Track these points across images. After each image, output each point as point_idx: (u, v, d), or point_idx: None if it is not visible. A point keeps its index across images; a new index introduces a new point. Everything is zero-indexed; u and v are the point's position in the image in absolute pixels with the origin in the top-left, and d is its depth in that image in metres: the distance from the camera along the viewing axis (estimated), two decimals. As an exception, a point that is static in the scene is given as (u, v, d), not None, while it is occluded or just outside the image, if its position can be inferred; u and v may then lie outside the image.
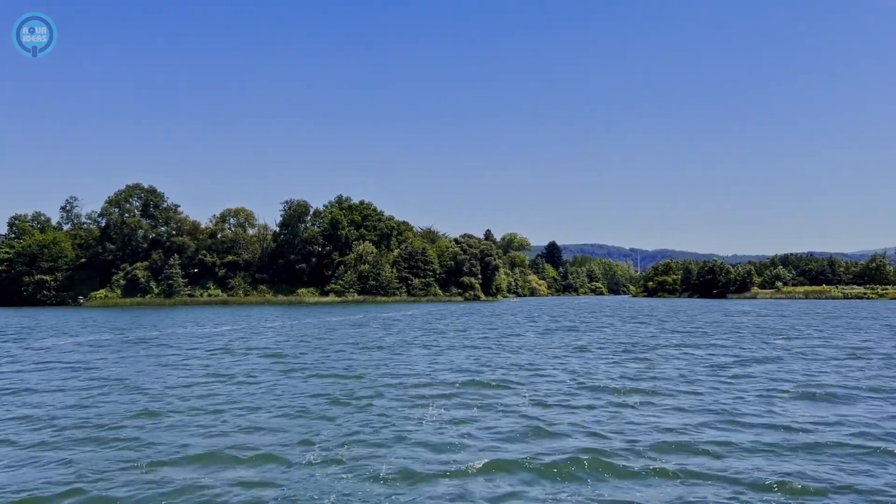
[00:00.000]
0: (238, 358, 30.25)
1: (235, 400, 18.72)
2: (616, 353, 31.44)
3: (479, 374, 23.75)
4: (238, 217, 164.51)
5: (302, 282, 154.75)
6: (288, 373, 24.67)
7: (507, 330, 49.90)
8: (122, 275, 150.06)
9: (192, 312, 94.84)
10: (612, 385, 20.73)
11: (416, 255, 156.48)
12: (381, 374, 23.91)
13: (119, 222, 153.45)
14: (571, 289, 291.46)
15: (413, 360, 28.30)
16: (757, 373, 23.96)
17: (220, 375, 23.95)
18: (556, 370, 24.90)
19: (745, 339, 39.34)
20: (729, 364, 26.63)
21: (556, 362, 27.51)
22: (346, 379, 22.82)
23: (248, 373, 24.65)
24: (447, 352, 32.44)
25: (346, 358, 29.68)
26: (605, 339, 39.84)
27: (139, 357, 31.25)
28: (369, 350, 33.65)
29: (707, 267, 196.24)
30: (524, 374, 23.70)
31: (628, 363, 27.05)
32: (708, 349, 33.16)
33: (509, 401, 18.24)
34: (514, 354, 31.08)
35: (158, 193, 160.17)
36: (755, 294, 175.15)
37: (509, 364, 26.95)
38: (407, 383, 21.53)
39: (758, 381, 21.90)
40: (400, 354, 31.17)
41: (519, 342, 38.06)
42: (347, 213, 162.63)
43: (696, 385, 20.89)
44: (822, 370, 24.70)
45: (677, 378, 22.49)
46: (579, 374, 23.52)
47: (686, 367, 25.72)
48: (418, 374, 23.98)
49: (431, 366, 26.40)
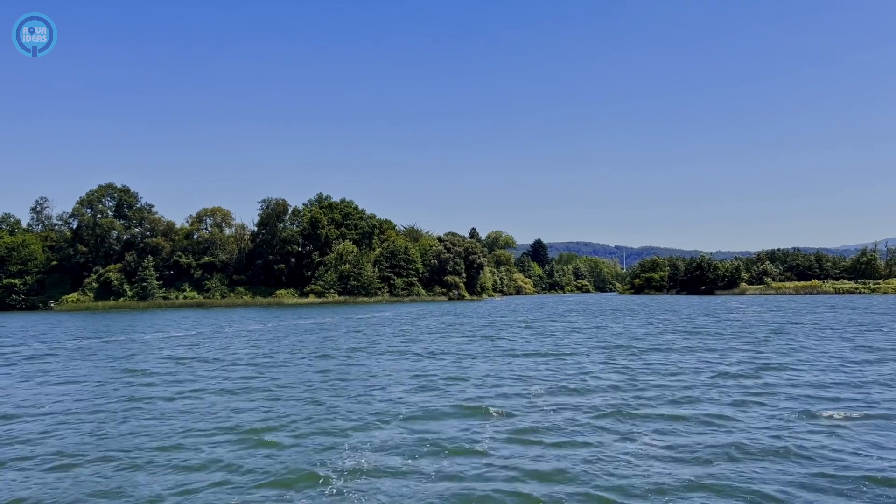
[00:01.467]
0: (153, 364, 26.41)
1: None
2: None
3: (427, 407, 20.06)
4: (215, 217, 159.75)
5: (281, 283, 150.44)
6: (200, 391, 20.90)
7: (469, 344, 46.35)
8: (94, 277, 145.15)
9: (161, 316, 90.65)
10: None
11: (398, 254, 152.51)
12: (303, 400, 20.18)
13: (91, 223, 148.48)
14: (558, 287, 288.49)
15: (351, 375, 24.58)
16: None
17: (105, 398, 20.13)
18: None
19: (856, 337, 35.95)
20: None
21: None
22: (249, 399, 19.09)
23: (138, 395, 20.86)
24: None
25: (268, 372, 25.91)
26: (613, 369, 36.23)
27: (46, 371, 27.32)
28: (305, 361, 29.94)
29: (695, 263, 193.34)
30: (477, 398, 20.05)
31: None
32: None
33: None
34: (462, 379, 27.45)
35: (132, 193, 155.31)
36: (744, 290, 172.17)
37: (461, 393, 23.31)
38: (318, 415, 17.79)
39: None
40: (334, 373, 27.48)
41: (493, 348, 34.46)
42: (328, 212, 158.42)
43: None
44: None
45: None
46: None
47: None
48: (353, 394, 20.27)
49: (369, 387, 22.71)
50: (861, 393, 19.15)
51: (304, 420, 16.36)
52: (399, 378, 23.54)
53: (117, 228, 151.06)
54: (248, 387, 21.85)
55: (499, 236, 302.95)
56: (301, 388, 21.60)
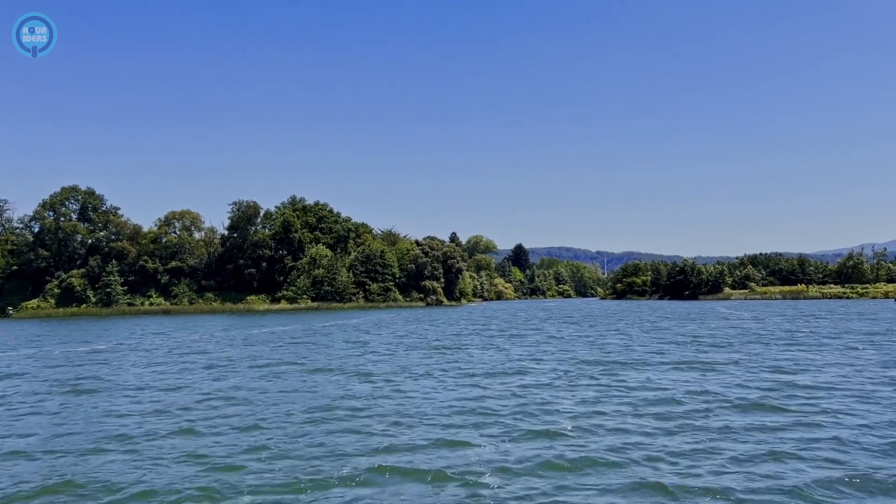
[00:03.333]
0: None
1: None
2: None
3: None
4: (184, 220, 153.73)
5: (252, 288, 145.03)
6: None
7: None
8: (56, 283, 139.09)
9: (113, 324, 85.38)
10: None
11: (374, 259, 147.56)
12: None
13: (53, 227, 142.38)
14: (539, 292, 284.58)
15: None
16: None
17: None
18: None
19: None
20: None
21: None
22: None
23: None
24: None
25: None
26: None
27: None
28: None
29: (678, 268, 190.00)
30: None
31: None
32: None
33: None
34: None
35: (97, 196, 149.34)
36: (728, 295, 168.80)
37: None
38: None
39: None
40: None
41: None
42: (301, 215, 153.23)
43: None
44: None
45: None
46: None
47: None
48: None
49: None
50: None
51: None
52: (291, 407, 18.94)
53: (81, 232, 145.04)
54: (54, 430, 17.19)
55: (479, 241, 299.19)
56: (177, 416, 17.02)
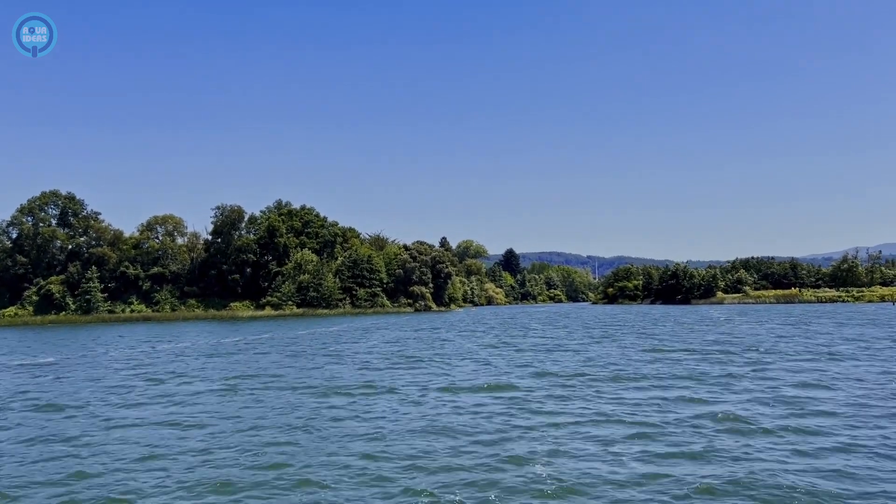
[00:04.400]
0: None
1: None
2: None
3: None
4: (166, 225, 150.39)
5: (236, 294, 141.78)
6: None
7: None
8: (34, 290, 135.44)
9: (90, 332, 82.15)
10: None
11: (361, 264, 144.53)
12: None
13: (32, 233, 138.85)
14: (530, 297, 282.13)
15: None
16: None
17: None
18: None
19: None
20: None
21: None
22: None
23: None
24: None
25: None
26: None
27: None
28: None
29: (670, 272, 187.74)
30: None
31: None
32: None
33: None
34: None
35: (77, 201, 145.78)
36: (722, 299, 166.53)
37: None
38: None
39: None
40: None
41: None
42: (287, 219, 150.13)
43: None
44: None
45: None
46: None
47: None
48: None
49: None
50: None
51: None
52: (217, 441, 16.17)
53: (60, 238, 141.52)
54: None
55: (470, 245, 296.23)
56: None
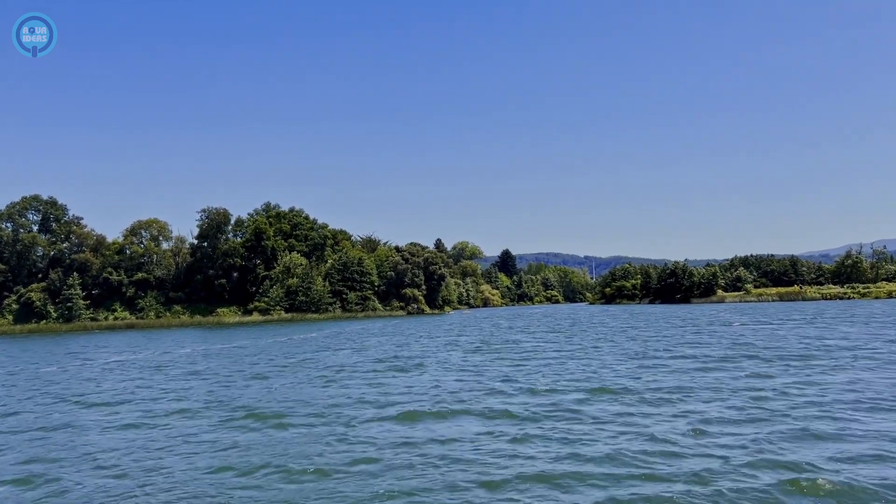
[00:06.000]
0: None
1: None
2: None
3: None
4: (151, 230, 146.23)
5: (223, 300, 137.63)
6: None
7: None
8: (14, 298, 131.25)
9: (56, 342, 78.04)
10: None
11: (352, 266, 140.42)
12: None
13: (11, 239, 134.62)
14: (526, 298, 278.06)
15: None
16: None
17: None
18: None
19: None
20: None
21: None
22: None
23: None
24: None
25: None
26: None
27: None
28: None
29: (668, 270, 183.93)
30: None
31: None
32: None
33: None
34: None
35: (59, 206, 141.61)
36: (722, 298, 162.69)
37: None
38: None
39: None
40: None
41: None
42: (275, 222, 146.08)
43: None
44: None
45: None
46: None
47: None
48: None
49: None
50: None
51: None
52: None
53: (41, 244, 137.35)
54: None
55: (465, 247, 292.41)
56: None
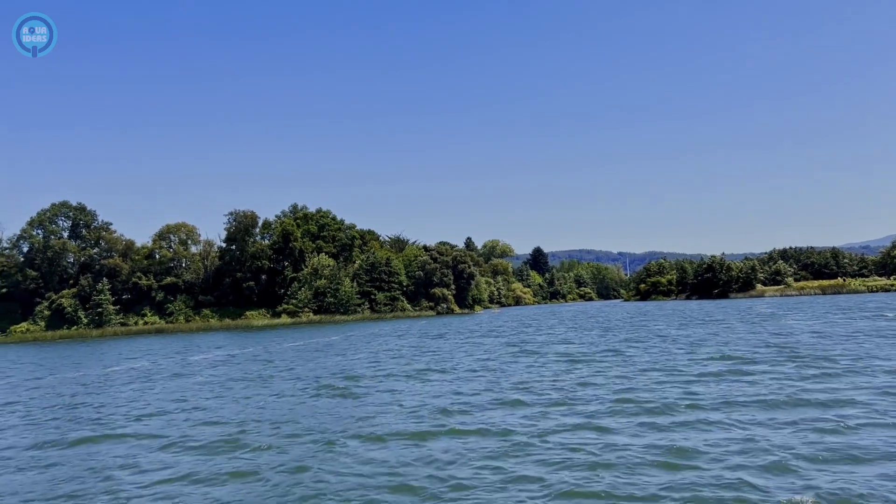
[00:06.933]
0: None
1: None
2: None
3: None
4: (179, 234, 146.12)
5: (251, 303, 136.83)
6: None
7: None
8: (45, 305, 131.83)
9: (88, 348, 77.22)
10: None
11: (379, 267, 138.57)
12: None
13: (42, 246, 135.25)
14: (559, 295, 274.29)
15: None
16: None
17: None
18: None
19: None
20: None
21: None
22: None
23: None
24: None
25: None
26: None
27: None
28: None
29: (705, 265, 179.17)
30: None
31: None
32: None
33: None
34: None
35: (89, 212, 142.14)
36: (762, 292, 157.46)
37: None
38: None
39: None
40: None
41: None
42: (302, 223, 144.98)
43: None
44: None
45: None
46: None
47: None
48: None
49: None
50: None
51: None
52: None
53: (71, 250, 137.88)
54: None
55: (496, 245, 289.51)
56: None
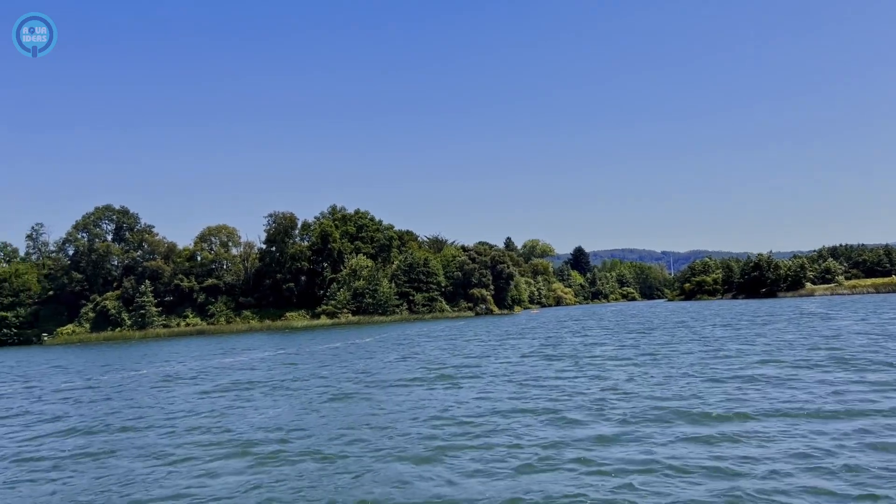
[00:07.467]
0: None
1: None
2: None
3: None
4: (220, 236, 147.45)
5: (291, 304, 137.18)
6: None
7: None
8: (90, 307, 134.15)
9: (125, 350, 77.79)
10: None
11: (417, 267, 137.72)
12: None
13: (87, 249, 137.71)
14: (601, 295, 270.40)
15: None
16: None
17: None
18: None
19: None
20: None
21: None
22: None
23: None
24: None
25: None
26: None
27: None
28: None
29: (752, 263, 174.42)
30: None
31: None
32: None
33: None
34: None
35: (132, 215, 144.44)
36: (812, 291, 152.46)
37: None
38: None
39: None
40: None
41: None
42: (340, 224, 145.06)
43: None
44: None
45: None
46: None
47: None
48: None
49: None
50: None
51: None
52: None
53: (115, 253, 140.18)
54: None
55: (536, 245, 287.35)
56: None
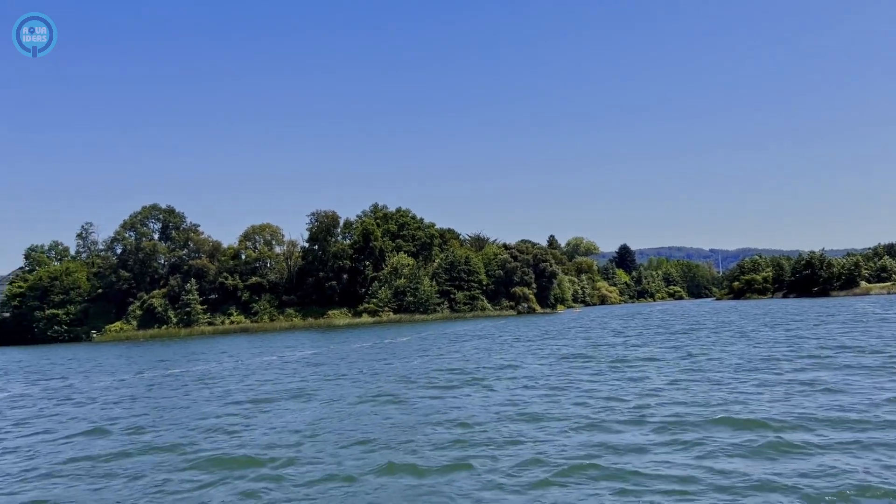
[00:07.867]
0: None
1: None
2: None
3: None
4: (264, 235, 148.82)
5: (333, 302, 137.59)
6: None
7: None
8: (138, 305, 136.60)
9: (168, 348, 78.56)
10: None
11: (459, 265, 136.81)
12: None
13: (134, 248, 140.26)
14: (647, 294, 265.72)
15: None
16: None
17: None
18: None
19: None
20: None
21: None
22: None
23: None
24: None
25: None
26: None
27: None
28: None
29: (803, 261, 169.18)
30: None
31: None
32: None
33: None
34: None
35: (178, 214, 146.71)
36: (867, 290, 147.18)
37: None
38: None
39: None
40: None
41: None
42: (382, 223, 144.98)
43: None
44: None
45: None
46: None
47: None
48: None
49: None
50: None
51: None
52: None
53: (162, 251, 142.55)
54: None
55: (580, 243, 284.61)
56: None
